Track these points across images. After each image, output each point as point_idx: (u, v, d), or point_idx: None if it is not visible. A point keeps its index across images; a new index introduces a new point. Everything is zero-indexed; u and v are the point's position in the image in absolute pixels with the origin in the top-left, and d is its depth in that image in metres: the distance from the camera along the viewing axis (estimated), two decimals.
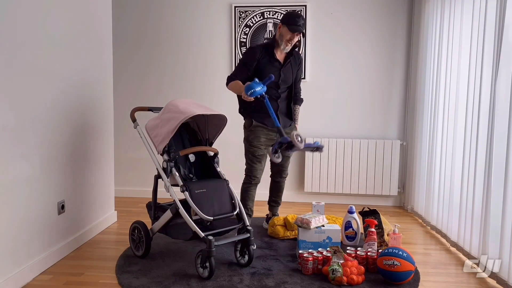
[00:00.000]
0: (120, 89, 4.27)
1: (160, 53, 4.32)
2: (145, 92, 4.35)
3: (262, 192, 3.43)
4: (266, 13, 4.15)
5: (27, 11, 2.38)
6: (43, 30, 2.53)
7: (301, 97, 3.24)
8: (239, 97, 3.08)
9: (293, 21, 2.94)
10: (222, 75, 4.22)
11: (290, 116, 3.15)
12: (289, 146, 2.60)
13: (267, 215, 3.43)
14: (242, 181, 3.14)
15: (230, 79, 3.00)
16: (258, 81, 2.68)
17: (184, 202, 2.49)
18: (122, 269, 2.58)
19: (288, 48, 3.01)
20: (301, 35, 3.00)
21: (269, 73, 2.95)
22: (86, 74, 3.09)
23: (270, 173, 3.30)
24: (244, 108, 3.09)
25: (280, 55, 3.05)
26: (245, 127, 3.12)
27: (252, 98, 2.72)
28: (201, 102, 2.94)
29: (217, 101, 4.17)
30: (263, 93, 2.70)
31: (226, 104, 3.88)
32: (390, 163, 4.08)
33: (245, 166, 3.12)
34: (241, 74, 2.99)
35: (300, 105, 3.22)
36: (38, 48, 2.49)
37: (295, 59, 3.11)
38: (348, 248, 2.68)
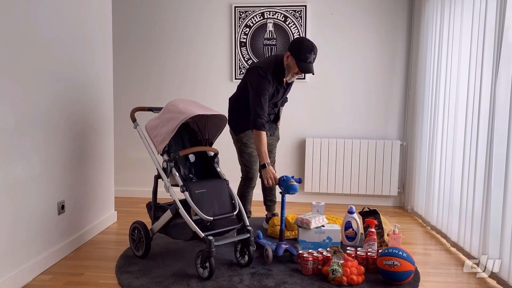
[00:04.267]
0: (120, 89, 4.27)
1: (160, 53, 4.32)
2: (145, 92, 4.35)
3: (260, 192, 3.42)
4: (266, 13, 4.15)
5: (27, 12, 2.38)
6: (43, 30, 2.53)
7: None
8: (235, 104, 3.05)
9: (304, 57, 2.64)
10: (222, 75, 4.23)
11: (275, 120, 3.17)
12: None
13: (266, 215, 3.43)
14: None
15: (259, 117, 2.73)
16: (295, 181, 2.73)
17: (184, 202, 2.49)
18: (122, 269, 2.58)
19: (294, 79, 2.91)
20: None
21: (275, 100, 2.94)
22: (86, 74, 3.09)
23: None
24: (243, 119, 2.94)
25: (284, 80, 2.92)
26: (236, 131, 3.03)
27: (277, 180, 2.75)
28: (201, 102, 2.94)
29: (217, 102, 4.15)
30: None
31: (226, 104, 3.87)
32: (390, 163, 4.08)
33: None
34: (266, 107, 2.79)
35: (283, 106, 3.23)
36: (39, 48, 2.49)
37: None
38: (348, 248, 2.68)
